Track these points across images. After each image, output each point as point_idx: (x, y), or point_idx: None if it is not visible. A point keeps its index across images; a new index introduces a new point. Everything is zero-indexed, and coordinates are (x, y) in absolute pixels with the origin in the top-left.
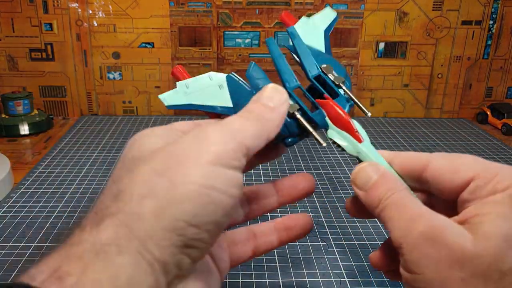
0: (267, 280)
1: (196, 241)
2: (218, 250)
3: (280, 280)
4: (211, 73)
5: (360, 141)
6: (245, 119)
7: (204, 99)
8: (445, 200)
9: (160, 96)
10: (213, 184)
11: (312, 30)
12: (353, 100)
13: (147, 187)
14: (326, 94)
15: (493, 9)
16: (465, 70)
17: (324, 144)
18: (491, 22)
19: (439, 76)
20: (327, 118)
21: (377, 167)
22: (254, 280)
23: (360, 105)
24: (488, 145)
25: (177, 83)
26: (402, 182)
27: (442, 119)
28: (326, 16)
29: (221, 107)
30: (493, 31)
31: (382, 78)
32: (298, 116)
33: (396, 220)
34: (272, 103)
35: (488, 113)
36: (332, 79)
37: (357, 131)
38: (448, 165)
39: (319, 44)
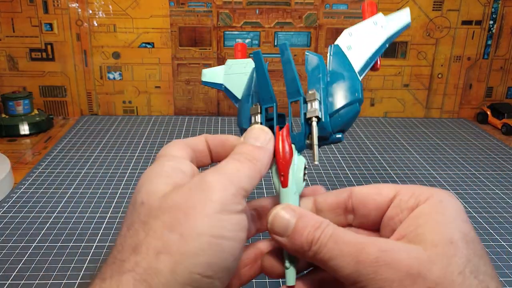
0: (267, 280)
1: None
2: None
3: (280, 280)
4: (248, 60)
5: (284, 186)
6: (238, 161)
7: (233, 85)
8: (369, 227)
9: (203, 70)
10: (222, 233)
11: (374, 33)
12: (310, 143)
13: (161, 243)
14: (277, 126)
15: (493, 9)
16: (465, 70)
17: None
18: (491, 22)
19: (439, 76)
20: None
21: (292, 208)
22: (254, 280)
23: (315, 151)
24: (488, 145)
25: (227, 60)
26: (321, 218)
27: (442, 119)
28: (399, 19)
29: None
30: (493, 31)
31: (382, 78)
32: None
33: (340, 257)
34: (259, 143)
35: (488, 113)
36: (305, 111)
37: (283, 175)
38: (371, 190)
39: (366, 53)
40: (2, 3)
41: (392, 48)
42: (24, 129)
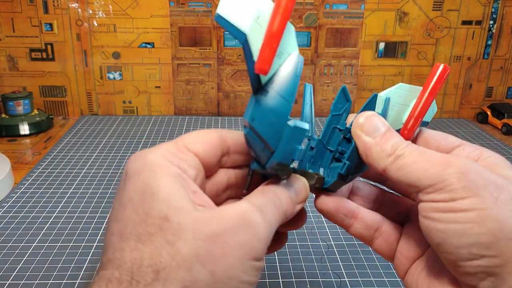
0: (267, 280)
1: None
2: None
3: (280, 280)
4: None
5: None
6: (276, 208)
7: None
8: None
9: None
10: (249, 279)
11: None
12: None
13: (190, 277)
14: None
15: (493, 9)
16: (465, 70)
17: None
18: (491, 22)
19: None
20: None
21: (384, 120)
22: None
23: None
24: (488, 145)
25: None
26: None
27: (442, 119)
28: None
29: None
30: (493, 31)
31: (382, 78)
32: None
33: (425, 161)
34: (296, 198)
35: (488, 113)
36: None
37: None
38: (438, 135)
39: None
40: (2, 3)
41: (392, 48)
42: (24, 129)
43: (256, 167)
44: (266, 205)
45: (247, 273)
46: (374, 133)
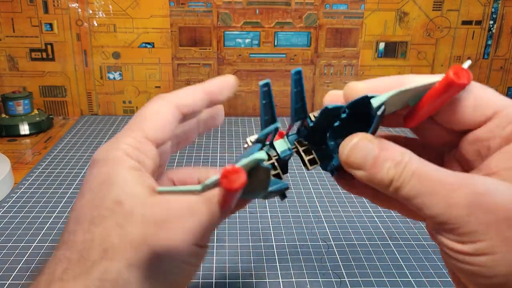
0: (267, 280)
1: None
2: None
3: (280, 280)
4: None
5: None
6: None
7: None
8: (440, 131)
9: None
10: (191, 260)
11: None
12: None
13: (136, 255)
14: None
15: (493, 9)
16: None
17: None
18: (491, 22)
19: None
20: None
21: (369, 139)
22: (254, 280)
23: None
24: None
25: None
26: (403, 149)
27: None
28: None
29: None
30: (493, 31)
31: None
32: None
33: (428, 196)
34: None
35: None
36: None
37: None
38: (469, 101)
39: None
40: (2, 3)
41: (392, 48)
42: (24, 129)
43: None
44: (214, 196)
45: (189, 256)
46: (365, 165)
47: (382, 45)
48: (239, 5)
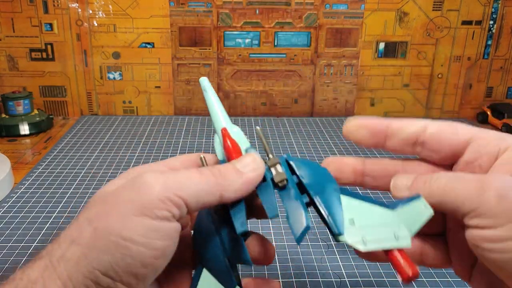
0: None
1: None
2: None
3: (280, 280)
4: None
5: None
6: (198, 172)
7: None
8: (437, 161)
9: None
10: (132, 236)
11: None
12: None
13: (77, 233)
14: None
15: (493, 9)
16: (465, 70)
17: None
18: (491, 22)
19: (439, 76)
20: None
21: (406, 176)
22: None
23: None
24: None
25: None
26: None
27: (442, 119)
28: (417, 213)
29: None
30: (493, 31)
31: (382, 78)
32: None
33: (462, 188)
34: (243, 169)
35: (488, 113)
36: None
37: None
38: (448, 127)
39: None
40: (2, 3)
41: (392, 48)
42: (24, 129)
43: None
44: (180, 170)
45: (131, 230)
46: (404, 190)
47: (382, 45)
48: (239, 5)
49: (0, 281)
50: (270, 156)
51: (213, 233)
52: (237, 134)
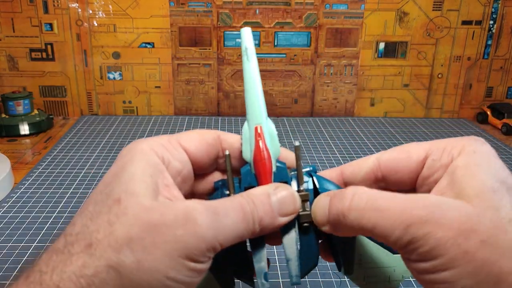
0: None
1: None
2: None
3: (280, 280)
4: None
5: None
6: (243, 216)
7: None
8: (405, 191)
9: None
10: (177, 277)
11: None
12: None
13: (116, 259)
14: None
15: (493, 9)
16: (465, 70)
17: None
18: (491, 22)
19: (439, 76)
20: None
21: (328, 193)
22: (254, 281)
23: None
24: None
25: None
26: (354, 188)
27: (442, 119)
28: None
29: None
30: (493, 31)
31: (382, 78)
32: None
33: (385, 223)
34: (278, 208)
35: (488, 113)
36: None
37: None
38: (398, 154)
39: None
40: (2, 3)
41: (392, 48)
42: (24, 129)
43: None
44: (224, 208)
45: (176, 270)
46: (325, 215)
47: (382, 45)
48: (239, 5)
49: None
50: (302, 188)
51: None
52: (272, 138)
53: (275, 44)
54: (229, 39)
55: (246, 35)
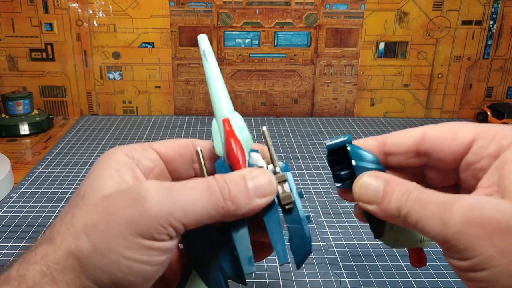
0: (267, 280)
1: None
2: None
3: (280, 280)
4: None
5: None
6: (208, 193)
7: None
8: (445, 168)
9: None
10: (135, 256)
11: None
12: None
13: (74, 246)
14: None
15: (493, 9)
16: (465, 70)
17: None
18: (491, 22)
19: (439, 76)
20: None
21: (377, 175)
22: (254, 280)
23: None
24: None
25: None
26: (408, 181)
27: (442, 119)
28: None
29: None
30: (493, 31)
31: (382, 78)
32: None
33: (427, 219)
34: (255, 191)
35: (488, 113)
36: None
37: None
38: (445, 133)
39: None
40: (2, 3)
41: (392, 48)
42: (24, 129)
43: None
44: (182, 186)
45: (132, 250)
46: (374, 199)
47: (382, 45)
48: (239, 5)
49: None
50: (277, 169)
51: (208, 244)
52: (241, 129)
53: (275, 44)
54: (229, 39)
55: (203, 40)
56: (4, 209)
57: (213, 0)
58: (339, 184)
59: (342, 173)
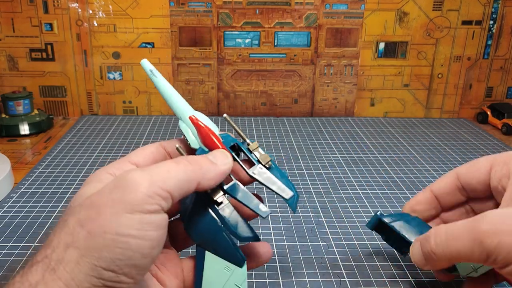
0: (267, 280)
1: (115, 282)
2: (170, 277)
3: (280, 280)
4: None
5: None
6: (175, 163)
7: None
8: (481, 195)
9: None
10: (129, 232)
11: None
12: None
13: (71, 238)
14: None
15: (493, 9)
16: (465, 70)
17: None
18: (491, 22)
19: (439, 76)
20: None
21: (417, 240)
22: (254, 280)
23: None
24: (488, 145)
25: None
26: (434, 227)
27: (442, 119)
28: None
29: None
30: (493, 31)
31: (382, 78)
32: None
33: (464, 250)
34: (216, 161)
35: (488, 113)
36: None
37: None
38: (469, 168)
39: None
40: (2, 3)
41: (392, 48)
42: (24, 129)
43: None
44: (158, 164)
45: (125, 226)
46: (421, 260)
47: (382, 45)
48: (239, 5)
49: (0, 281)
50: (248, 141)
51: (209, 217)
52: (206, 120)
53: (275, 44)
54: (229, 39)
55: (146, 63)
56: (4, 209)
57: (213, 0)
58: (408, 256)
59: (395, 246)
